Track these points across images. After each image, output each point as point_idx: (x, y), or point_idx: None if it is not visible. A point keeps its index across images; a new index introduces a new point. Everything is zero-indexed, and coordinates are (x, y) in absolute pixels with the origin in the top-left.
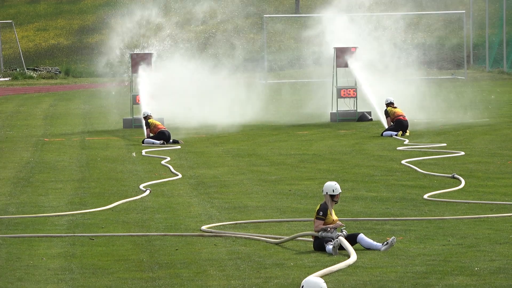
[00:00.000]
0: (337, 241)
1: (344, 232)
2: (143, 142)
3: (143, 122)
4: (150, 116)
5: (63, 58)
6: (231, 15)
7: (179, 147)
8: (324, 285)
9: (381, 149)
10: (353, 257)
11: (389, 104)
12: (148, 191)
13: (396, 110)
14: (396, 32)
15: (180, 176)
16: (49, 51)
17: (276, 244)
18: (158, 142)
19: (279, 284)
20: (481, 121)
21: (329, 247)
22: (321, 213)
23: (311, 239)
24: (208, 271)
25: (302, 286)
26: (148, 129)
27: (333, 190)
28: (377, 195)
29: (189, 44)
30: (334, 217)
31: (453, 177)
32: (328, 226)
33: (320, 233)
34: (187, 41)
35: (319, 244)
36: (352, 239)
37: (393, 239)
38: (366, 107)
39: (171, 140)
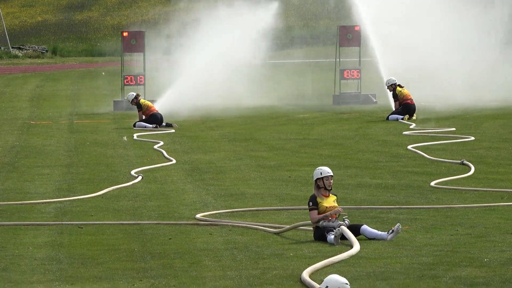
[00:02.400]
0: (338, 230)
1: (346, 221)
2: (134, 126)
3: (136, 105)
4: (139, 95)
5: (50, 36)
6: None
7: (173, 130)
8: (348, 286)
9: (386, 133)
10: (356, 247)
11: (396, 85)
12: (140, 177)
13: (404, 91)
14: None
15: (174, 161)
16: (35, 29)
17: (276, 233)
18: (150, 125)
19: (278, 275)
20: (492, 105)
21: (331, 237)
22: (310, 203)
23: (312, 229)
24: (203, 261)
25: (327, 287)
26: (141, 111)
27: (321, 173)
28: (382, 182)
29: (180, 22)
30: (328, 204)
31: (462, 163)
32: (326, 214)
33: (321, 222)
34: (178, 19)
35: (320, 234)
36: (355, 230)
37: (398, 226)
38: (371, 89)
39: (164, 124)
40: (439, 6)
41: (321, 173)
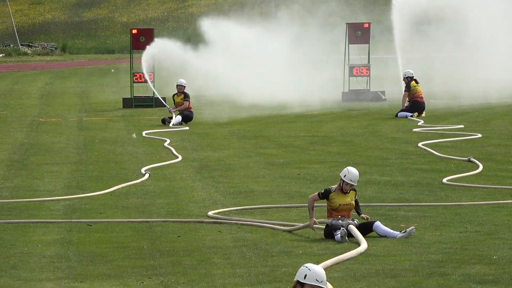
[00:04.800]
0: (343, 229)
1: (355, 221)
2: (168, 121)
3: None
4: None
5: (59, 34)
6: None
7: (187, 128)
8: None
9: (396, 131)
10: (364, 245)
11: (412, 78)
12: (147, 175)
13: (418, 88)
14: None
15: (180, 158)
16: (44, 26)
17: (289, 232)
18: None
19: (287, 273)
20: (500, 101)
21: (337, 236)
22: (322, 191)
23: (322, 226)
24: (212, 259)
25: (306, 276)
26: (189, 101)
27: (344, 176)
28: (391, 179)
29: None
30: (343, 201)
31: (469, 161)
32: (339, 216)
33: (330, 220)
34: (193, 14)
35: (329, 232)
36: (367, 227)
37: (412, 229)
38: (380, 86)
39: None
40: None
41: (344, 174)
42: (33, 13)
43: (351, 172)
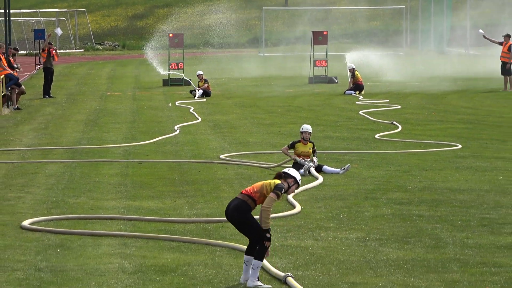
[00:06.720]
0: (306, 165)
1: (315, 160)
2: (194, 93)
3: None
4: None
5: (121, 36)
6: (240, 7)
7: (204, 100)
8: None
9: (344, 103)
10: (320, 179)
11: (354, 69)
12: (178, 131)
13: (358, 75)
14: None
15: (200, 120)
16: (111, 31)
17: (270, 168)
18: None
19: None
20: (414, 84)
21: (301, 171)
22: (290, 143)
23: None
24: (221, 186)
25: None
26: (208, 85)
27: (301, 128)
28: (340, 135)
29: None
30: (303, 149)
31: (392, 124)
32: (303, 158)
33: (299, 160)
34: (209, 25)
35: (296, 167)
36: (319, 168)
37: (348, 166)
38: (334, 73)
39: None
40: None
41: (301, 128)
42: (104, 22)
43: (305, 126)
